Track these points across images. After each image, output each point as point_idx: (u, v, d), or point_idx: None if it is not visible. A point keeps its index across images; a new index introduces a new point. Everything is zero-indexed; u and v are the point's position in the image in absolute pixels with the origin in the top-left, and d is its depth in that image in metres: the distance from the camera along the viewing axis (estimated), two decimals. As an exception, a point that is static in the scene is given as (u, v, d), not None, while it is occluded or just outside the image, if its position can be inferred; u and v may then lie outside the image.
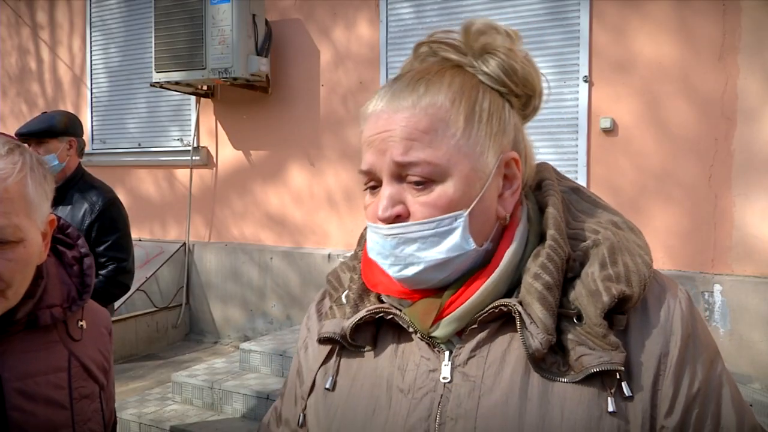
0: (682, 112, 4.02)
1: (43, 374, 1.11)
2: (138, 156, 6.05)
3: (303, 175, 5.32)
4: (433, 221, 0.76)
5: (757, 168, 3.83)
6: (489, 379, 0.77)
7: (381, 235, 0.79)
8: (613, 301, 0.74)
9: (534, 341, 0.74)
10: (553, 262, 0.76)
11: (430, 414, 0.77)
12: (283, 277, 5.31)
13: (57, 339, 1.16)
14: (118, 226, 2.91)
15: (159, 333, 5.44)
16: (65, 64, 6.47)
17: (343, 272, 0.95)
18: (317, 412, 0.88)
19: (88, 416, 1.17)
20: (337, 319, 0.87)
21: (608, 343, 0.73)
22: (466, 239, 0.77)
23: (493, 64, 0.81)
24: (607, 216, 0.85)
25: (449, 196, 0.76)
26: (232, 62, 4.83)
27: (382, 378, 0.83)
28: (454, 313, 0.78)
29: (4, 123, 6.87)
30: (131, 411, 3.81)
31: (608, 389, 0.74)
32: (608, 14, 4.19)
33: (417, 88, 0.79)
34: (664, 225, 4.07)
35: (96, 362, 1.22)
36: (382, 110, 0.80)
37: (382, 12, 4.92)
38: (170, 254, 5.66)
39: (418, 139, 0.76)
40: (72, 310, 1.17)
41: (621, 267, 0.77)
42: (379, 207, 0.78)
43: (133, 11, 6.02)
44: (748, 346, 3.76)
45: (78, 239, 1.26)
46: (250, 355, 4.18)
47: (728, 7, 3.86)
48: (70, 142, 2.93)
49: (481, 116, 0.79)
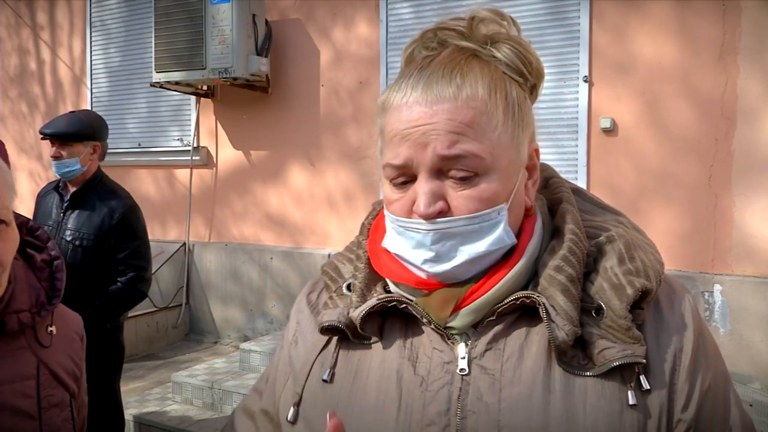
0: (682, 112, 4.02)
1: (9, 383, 1.06)
2: (138, 156, 6.05)
3: (303, 175, 5.32)
4: (479, 216, 0.75)
5: (757, 168, 3.83)
6: (508, 372, 0.76)
7: (420, 231, 0.76)
8: (637, 294, 0.75)
9: (561, 333, 0.73)
10: (575, 256, 0.77)
11: (449, 408, 0.75)
12: (283, 277, 5.31)
13: (25, 345, 1.11)
14: (137, 233, 2.87)
15: (159, 333, 5.44)
16: (65, 65, 6.47)
17: (342, 263, 0.93)
18: (315, 404, 0.85)
19: (58, 426, 1.12)
20: (340, 309, 0.85)
21: (631, 337, 0.74)
22: (508, 232, 0.77)
23: (508, 53, 0.81)
24: (611, 216, 0.86)
25: (493, 189, 0.76)
26: (232, 62, 4.83)
27: (391, 370, 0.80)
28: (474, 304, 0.77)
29: (4, 123, 6.87)
30: (131, 411, 3.80)
31: (628, 383, 0.74)
32: (608, 14, 4.19)
33: (453, 78, 0.77)
34: (664, 225, 4.07)
35: (66, 369, 1.17)
36: (416, 101, 0.77)
37: (382, 12, 4.92)
38: (170, 254, 5.66)
39: (463, 132, 0.75)
40: (41, 315, 1.12)
41: (639, 262, 0.78)
42: (419, 203, 0.76)
43: (133, 11, 6.03)
44: (748, 346, 3.76)
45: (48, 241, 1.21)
46: (250, 355, 4.18)
47: (728, 7, 3.86)
48: (94, 147, 2.87)
49: (514, 108, 0.79)
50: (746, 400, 3.40)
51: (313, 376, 0.86)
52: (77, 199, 2.85)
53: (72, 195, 2.86)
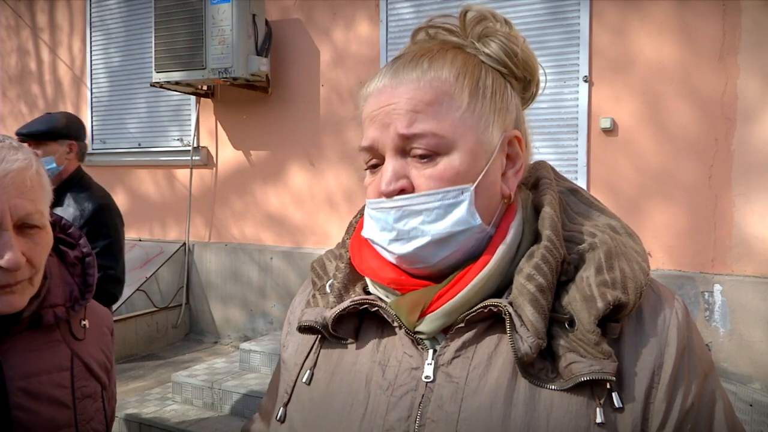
0: (682, 112, 4.02)
1: (46, 373, 1.11)
2: (138, 156, 6.05)
3: (303, 175, 5.32)
4: (439, 192, 0.75)
5: (757, 168, 3.83)
6: (473, 381, 0.74)
7: (383, 209, 0.77)
8: (608, 307, 0.71)
9: (523, 345, 0.71)
10: (548, 264, 0.74)
11: (410, 414, 0.74)
12: (283, 277, 5.31)
13: (60, 338, 1.16)
14: (108, 232, 2.80)
15: (159, 333, 5.44)
16: (65, 65, 6.47)
17: (328, 260, 0.92)
18: (299, 406, 0.85)
19: (91, 415, 1.17)
20: (319, 308, 0.85)
21: (600, 352, 0.70)
22: (472, 214, 0.75)
23: (494, 46, 0.82)
24: (604, 219, 0.83)
25: (455, 168, 0.75)
26: (232, 62, 4.83)
27: (361, 373, 0.80)
28: (442, 309, 0.75)
29: (4, 124, 6.87)
30: (131, 411, 3.81)
31: (597, 399, 0.71)
32: (608, 14, 4.19)
33: (420, 63, 0.79)
34: (664, 225, 4.07)
35: (98, 361, 1.22)
36: (384, 86, 0.79)
37: (382, 12, 4.92)
38: (170, 254, 5.66)
39: (423, 111, 0.75)
40: (75, 309, 1.17)
41: (617, 273, 0.74)
42: (382, 182, 0.77)
43: (133, 11, 6.03)
44: (748, 346, 3.76)
45: (80, 239, 1.26)
46: (250, 355, 4.18)
47: (728, 7, 3.86)
48: (70, 146, 2.88)
49: (485, 92, 0.79)
50: (746, 400, 3.40)
51: (300, 376, 0.87)
52: (55, 198, 2.85)
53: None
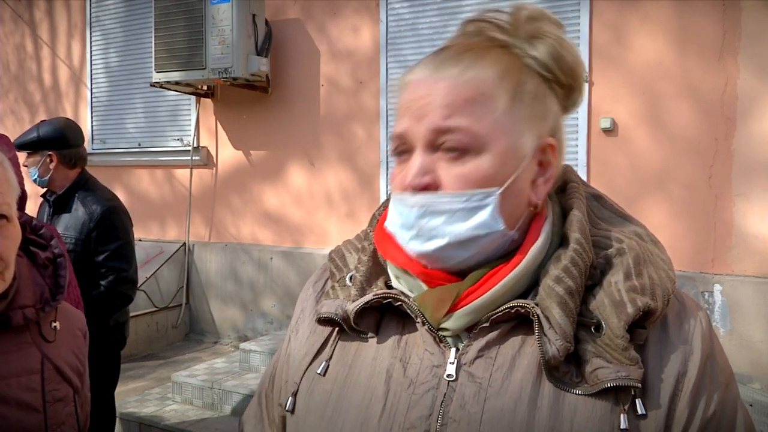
0: (682, 112, 4.02)
1: (15, 376, 1.09)
2: (138, 156, 6.05)
3: (303, 175, 5.32)
4: (465, 194, 0.74)
5: (757, 168, 3.83)
6: (496, 382, 0.73)
7: (406, 204, 0.76)
8: (638, 313, 0.71)
9: (551, 347, 0.70)
10: (577, 267, 0.73)
11: (431, 413, 0.74)
12: (282, 277, 5.31)
13: (29, 341, 1.13)
14: (118, 234, 2.83)
15: (159, 333, 5.44)
16: (65, 65, 6.47)
17: (348, 252, 0.91)
18: (310, 396, 0.84)
19: (62, 420, 1.14)
20: (340, 300, 0.83)
21: (627, 358, 0.70)
22: (496, 218, 0.74)
23: (542, 49, 0.80)
24: (630, 227, 0.82)
25: (484, 170, 0.74)
26: (232, 62, 4.83)
27: (381, 368, 0.79)
28: (470, 306, 0.75)
29: (4, 124, 6.87)
30: (131, 411, 3.81)
31: (622, 405, 0.70)
32: (608, 14, 4.19)
33: (463, 59, 0.77)
34: (664, 225, 4.07)
35: (70, 364, 1.20)
36: (424, 77, 0.77)
37: (382, 12, 4.92)
38: (170, 254, 5.66)
39: (459, 107, 0.74)
40: (45, 311, 1.15)
41: (646, 279, 0.74)
42: (408, 174, 0.75)
43: (133, 11, 6.02)
44: (748, 346, 3.76)
45: (51, 240, 1.24)
46: (249, 355, 4.18)
47: (728, 7, 3.86)
48: (50, 156, 2.84)
49: (525, 97, 0.77)
50: (746, 400, 3.40)
51: (313, 367, 0.85)
52: (61, 204, 2.87)
53: (54, 201, 2.90)
